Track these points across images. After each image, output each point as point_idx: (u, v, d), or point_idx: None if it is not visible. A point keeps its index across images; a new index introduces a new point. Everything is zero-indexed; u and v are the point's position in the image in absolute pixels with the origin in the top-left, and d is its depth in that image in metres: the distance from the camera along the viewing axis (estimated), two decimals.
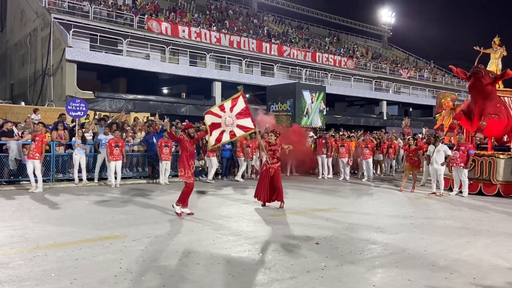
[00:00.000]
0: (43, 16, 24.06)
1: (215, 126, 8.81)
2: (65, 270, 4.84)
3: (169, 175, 13.08)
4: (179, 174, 8.17)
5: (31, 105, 21.93)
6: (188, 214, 8.06)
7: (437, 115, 14.88)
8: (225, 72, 27.79)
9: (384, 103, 37.37)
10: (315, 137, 16.83)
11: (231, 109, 8.87)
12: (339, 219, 8.06)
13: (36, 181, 10.65)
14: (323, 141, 15.42)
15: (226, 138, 8.92)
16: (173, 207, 8.10)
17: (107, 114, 16.94)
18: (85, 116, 13.55)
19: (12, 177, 11.50)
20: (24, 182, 11.54)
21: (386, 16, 52.77)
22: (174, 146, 13.03)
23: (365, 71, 37.14)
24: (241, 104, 8.93)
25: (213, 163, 13.66)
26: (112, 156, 11.77)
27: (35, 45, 25.41)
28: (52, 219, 7.48)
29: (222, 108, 8.85)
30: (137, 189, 11.52)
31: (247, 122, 9.00)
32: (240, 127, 8.91)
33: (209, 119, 8.82)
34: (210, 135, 8.82)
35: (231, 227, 7.13)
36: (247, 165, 14.48)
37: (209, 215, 8.17)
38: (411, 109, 44.72)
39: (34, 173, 10.58)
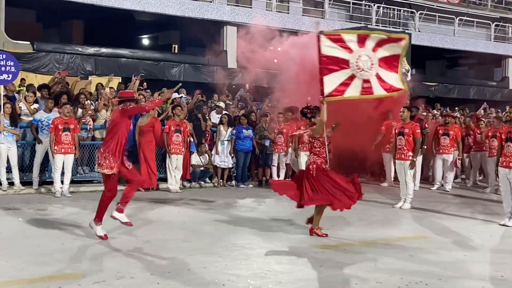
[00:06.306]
0: None
1: (335, 62, 5.81)
2: None
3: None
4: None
5: None
6: (125, 223, 5.82)
7: None
8: (243, 10, 19.27)
9: (511, 61, 30.15)
10: None
11: (375, 49, 6.04)
12: (431, 254, 5.93)
13: None
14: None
15: (353, 92, 5.83)
16: (91, 227, 5.78)
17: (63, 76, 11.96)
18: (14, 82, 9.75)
19: None
20: None
21: None
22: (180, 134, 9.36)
23: (479, 8, 29.42)
24: (395, 49, 6.10)
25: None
26: (59, 145, 8.52)
27: None
28: None
29: (362, 39, 6.05)
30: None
31: (392, 78, 6.12)
32: (380, 80, 6.03)
33: (326, 47, 5.80)
34: (321, 80, 5.82)
35: (253, 265, 5.27)
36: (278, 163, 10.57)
37: (221, 244, 6.00)
38: None
39: None
